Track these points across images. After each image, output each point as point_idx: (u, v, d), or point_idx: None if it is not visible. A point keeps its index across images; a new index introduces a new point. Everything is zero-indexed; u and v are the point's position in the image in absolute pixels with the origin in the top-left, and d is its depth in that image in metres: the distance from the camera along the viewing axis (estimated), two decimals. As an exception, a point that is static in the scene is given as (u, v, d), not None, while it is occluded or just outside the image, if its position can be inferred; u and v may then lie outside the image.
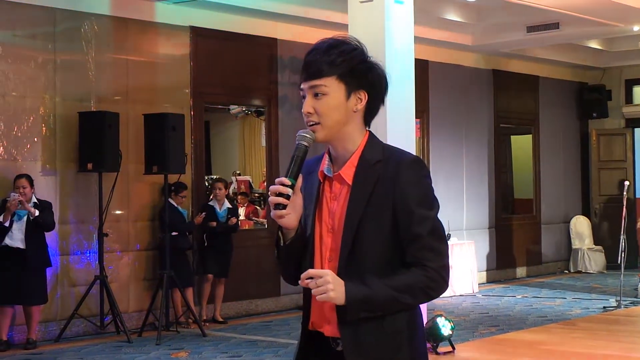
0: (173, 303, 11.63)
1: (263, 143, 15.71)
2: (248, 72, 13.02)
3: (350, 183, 3.03)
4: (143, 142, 11.41)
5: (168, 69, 12.28)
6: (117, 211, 11.63)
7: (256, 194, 17.30)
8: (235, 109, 16.51)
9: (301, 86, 3.06)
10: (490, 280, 16.83)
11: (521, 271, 17.71)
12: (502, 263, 17.26)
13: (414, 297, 2.97)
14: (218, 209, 12.13)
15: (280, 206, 2.93)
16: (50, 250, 10.58)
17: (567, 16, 13.93)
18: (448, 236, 15.28)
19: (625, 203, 13.76)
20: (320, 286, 2.87)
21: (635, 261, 16.13)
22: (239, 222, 11.70)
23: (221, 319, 12.25)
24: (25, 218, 10.24)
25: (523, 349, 10.01)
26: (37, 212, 10.23)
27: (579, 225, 18.76)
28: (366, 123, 3.10)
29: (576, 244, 18.65)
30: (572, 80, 19.14)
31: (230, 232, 12.13)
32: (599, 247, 18.61)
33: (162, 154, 11.18)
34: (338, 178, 3.06)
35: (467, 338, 10.75)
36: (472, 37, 15.54)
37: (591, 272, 18.28)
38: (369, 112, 3.09)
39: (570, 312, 12.91)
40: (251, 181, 17.77)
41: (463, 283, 15.18)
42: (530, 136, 18.52)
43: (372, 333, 2.99)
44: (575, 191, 19.27)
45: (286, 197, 2.93)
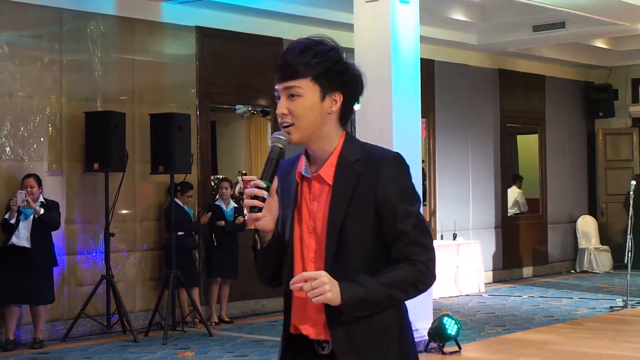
0: (179, 302, 11.64)
1: (269, 143, 15.70)
2: (254, 72, 13.02)
3: (330, 183, 3.01)
4: (149, 142, 11.42)
5: (174, 69, 12.29)
6: (124, 211, 11.64)
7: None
8: (241, 109, 16.49)
9: (275, 87, 3.04)
10: (496, 280, 16.81)
11: (527, 271, 17.69)
12: (509, 263, 17.24)
13: (406, 292, 2.96)
14: (225, 208, 12.15)
15: (255, 209, 2.91)
16: (56, 249, 10.59)
17: (573, 15, 13.92)
18: (454, 236, 15.31)
19: (632, 203, 13.74)
20: (315, 288, 2.84)
21: (641, 261, 16.09)
22: (246, 222, 11.72)
23: (227, 319, 12.26)
24: (31, 217, 10.27)
25: (529, 349, 10.00)
26: (42, 211, 10.26)
27: (586, 225, 18.73)
28: (342, 124, 3.08)
29: (582, 244, 18.61)
30: (579, 79, 19.11)
31: (238, 231, 12.15)
32: (606, 247, 18.57)
33: (168, 154, 11.19)
34: (317, 178, 3.05)
35: (474, 338, 10.74)
36: (478, 37, 15.53)
37: (598, 272, 18.24)
38: (344, 113, 3.07)
39: (576, 312, 12.89)
40: (257, 181, 17.73)
41: (469, 283, 15.16)
42: (536, 136, 18.50)
43: (364, 332, 2.98)
44: (581, 191, 19.24)
45: (261, 200, 2.91)
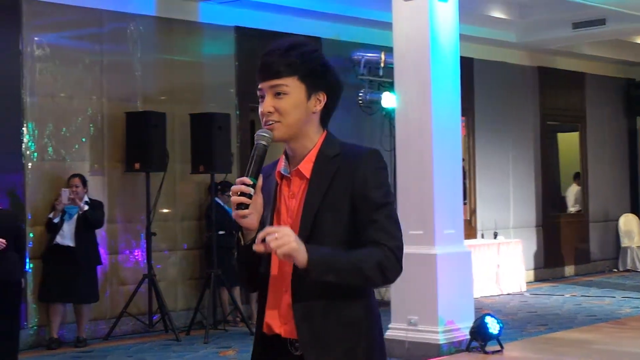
0: (220, 302, 11.68)
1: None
2: (293, 72, 12.99)
3: (308, 177, 3.04)
4: (189, 142, 11.46)
5: (213, 69, 12.33)
6: (164, 210, 11.70)
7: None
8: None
9: (259, 86, 3.05)
10: (538, 279, 16.71)
11: (569, 270, 17.57)
12: (550, 262, 17.13)
13: (371, 271, 2.92)
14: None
15: (242, 206, 2.92)
16: (99, 249, 10.69)
17: (613, 12, 13.82)
18: (495, 234, 15.24)
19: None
20: (280, 239, 2.82)
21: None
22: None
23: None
24: (75, 217, 10.37)
25: (572, 348, 9.91)
26: (87, 207, 10.36)
27: (628, 223, 18.57)
28: (323, 123, 3.11)
29: (625, 242, 18.46)
30: (619, 76, 18.96)
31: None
32: (649, 245, 18.43)
33: (209, 154, 11.22)
34: (297, 173, 3.06)
35: (515, 337, 10.68)
36: (517, 34, 15.45)
37: (641, 271, 18.11)
38: (327, 113, 3.11)
39: (619, 311, 12.77)
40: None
41: (511, 282, 15.08)
42: (577, 133, 18.38)
43: (330, 325, 2.97)
44: (623, 188, 19.08)
45: (248, 197, 2.91)
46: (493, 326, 9.19)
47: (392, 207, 3.03)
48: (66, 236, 10.38)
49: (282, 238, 2.82)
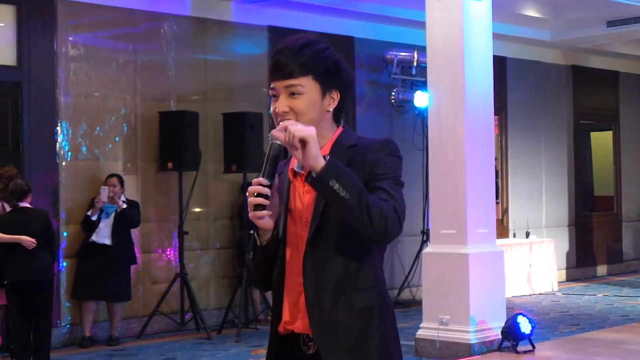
0: (252, 301, 11.71)
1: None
2: (325, 71, 13.01)
3: None
4: (222, 141, 11.51)
5: (246, 68, 12.37)
6: (197, 209, 11.76)
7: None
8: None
9: (272, 86, 3.04)
10: (570, 278, 16.63)
11: (602, 269, 17.47)
12: (582, 261, 17.05)
13: (374, 206, 2.86)
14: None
15: (260, 207, 2.90)
16: (133, 248, 10.80)
17: (648, 10, 13.73)
18: (527, 234, 15.19)
19: None
20: (298, 125, 2.87)
21: None
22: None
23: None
24: (112, 215, 10.46)
25: (605, 349, 9.87)
26: (125, 205, 10.45)
27: (661, 222, 18.45)
28: (337, 121, 3.11)
29: (658, 242, 18.34)
30: (653, 75, 18.83)
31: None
32: (682, 245, 18.29)
33: (241, 153, 11.25)
34: None
35: (547, 337, 10.65)
36: (551, 33, 15.38)
37: (674, 271, 17.97)
38: (340, 111, 3.11)
39: (653, 311, 12.72)
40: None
41: (542, 281, 15.02)
42: (610, 132, 18.27)
43: (341, 312, 2.97)
44: (657, 188, 18.95)
45: (265, 197, 2.90)
46: (525, 326, 9.17)
47: (399, 185, 3.00)
48: (103, 234, 10.46)
49: (293, 125, 2.87)
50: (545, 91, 16.52)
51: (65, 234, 10.62)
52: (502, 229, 15.15)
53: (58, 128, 10.66)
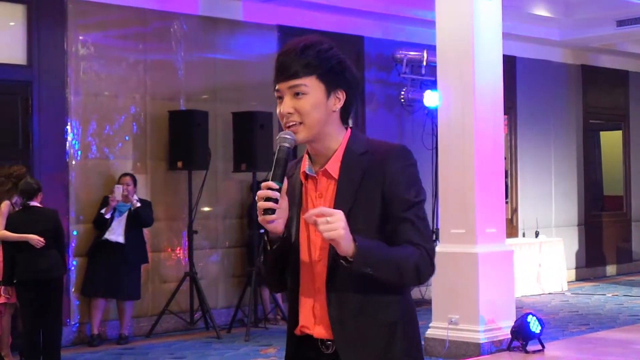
0: (261, 300, 11.72)
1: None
2: (335, 70, 13.02)
3: (336, 177, 3.01)
4: (232, 140, 11.52)
5: (256, 68, 12.36)
6: (206, 209, 11.77)
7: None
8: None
9: (276, 87, 3.04)
10: (579, 278, 16.61)
11: (611, 269, 17.44)
12: (592, 261, 17.03)
13: (408, 271, 2.91)
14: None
15: (269, 211, 2.88)
16: (143, 247, 10.83)
17: (659, 9, 13.70)
18: (536, 233, 15.17)
19: None
20: (332, 223, 2.79)
21: None
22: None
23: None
24: (125, 214, 10.48)
25: (614, 348, 9.86)
26: (139, 204, 10.49)
27: (671, 222, 18.40)
28: (344, 121, 3.08)
29: (668, 242, 18.30)
30: (663, 74, 18.78)
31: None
32: (692, 245, 18.24)
33: (251, 152, 11.26)
34: (324, 174, 3.04)
35: (557, 337, 10.64)
36: (561, 32, 15.36)
37: (684, 271, 17.93)
38: (346, 111, 3.07)
39: (662, 311, 12.69)
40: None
41: (552, 281, 15.00)
42: (620, 132, 18.24)
43: (365, 326, 2.96)
44: (667, 188, 18.91)
45: (274, 201, 2.88)
46: (534, 325, 9.16)
47: (423, 206, 3.02)
48: (115, 232, 10.49)
49: (335, 222, 2.79)
50: (554, 91, 16.50)
51: (75, 233, 10.65)
52: (512, 229, 15.14)
53: (68, 127, 10.68)
